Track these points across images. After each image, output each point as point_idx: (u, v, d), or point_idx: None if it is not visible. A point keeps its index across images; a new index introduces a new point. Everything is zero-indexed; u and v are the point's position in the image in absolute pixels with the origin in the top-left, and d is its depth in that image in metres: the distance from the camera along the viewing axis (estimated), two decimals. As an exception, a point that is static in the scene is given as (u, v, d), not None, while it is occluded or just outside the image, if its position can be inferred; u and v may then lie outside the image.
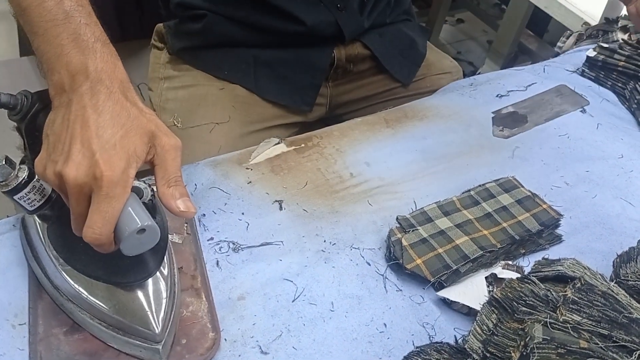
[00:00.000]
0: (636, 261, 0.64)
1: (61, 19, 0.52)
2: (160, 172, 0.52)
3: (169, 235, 0.64)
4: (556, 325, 0.50)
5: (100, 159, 0.47)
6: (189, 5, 0.83)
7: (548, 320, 0.51)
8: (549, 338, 0.49)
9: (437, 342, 0.59)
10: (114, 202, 0.47)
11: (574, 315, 0.52)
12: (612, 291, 0.55)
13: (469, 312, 0.63)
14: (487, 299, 0.58)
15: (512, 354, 0.50)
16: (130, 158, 0.49)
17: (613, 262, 0.66)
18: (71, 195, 0.48)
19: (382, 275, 0.66)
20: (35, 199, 0.54)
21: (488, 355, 0.53)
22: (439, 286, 0.65)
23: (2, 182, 0.51)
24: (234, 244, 0.67)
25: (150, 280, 0.55)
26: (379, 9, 0.96)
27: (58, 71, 0.51)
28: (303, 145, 0.82)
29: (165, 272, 0.57)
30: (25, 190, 0.53)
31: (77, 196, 0.48)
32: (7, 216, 0.65)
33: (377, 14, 0.96)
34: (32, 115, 0.53)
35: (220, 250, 0.66)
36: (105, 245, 0.49)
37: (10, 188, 0.52)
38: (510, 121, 0.91)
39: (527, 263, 0.69)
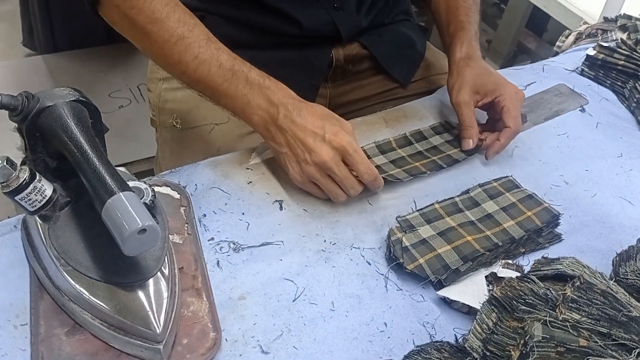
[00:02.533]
0: (635, 260, 0.64)
1: (229, 76, 0.72)
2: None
3: (170, 236, 0.64)
4: (556, 324, 0.50)
5: (330, 137, 0.68)
6: (187, 7, 0.83)
7: (548, 318, 0.51)
8: (548, 336, 0.49)
9: (437, 341, 0.59)
10: (360, 152, 0.70)
11: (574, 313, 0.52)
12: (612, 290, 0.55)
13: (469, 311, 0.63)
14: (487, 298, 0.59)
15: (512, 353, 0.51)
16: (344, 131, 0.70)
17: (612, 260, 0.67)
18: (333, 167, 0.68)
19: (383, 274, 0.66)
20: (36, 200, 0.54)
21: (488, 354, 0.53)
22: (439, 285, 0.65)
23: (3, 183, 0.51)
24: (234, 244, 0.67)
25: (151, 281, 0.56)
26: (377, 9, 0.96)
27: (255, 114, 0.72)
28: (303, 145, 0.81)
29: (166, 272, 0.57)
30: (27, 191, 0.53)
31: (337, 166, 0.69)
32: (9, 217, 0.65)
33: (376, 13, 0.96)
34: (33, 117, 0.53)
35: (220, 250, 0.66)
36: (374, 176, 0.71)
37: (11, 189, 0.52)
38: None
39: (527, 262, 0.69)
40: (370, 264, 0.67)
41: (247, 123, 0.74)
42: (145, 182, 0.60)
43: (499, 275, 0.65)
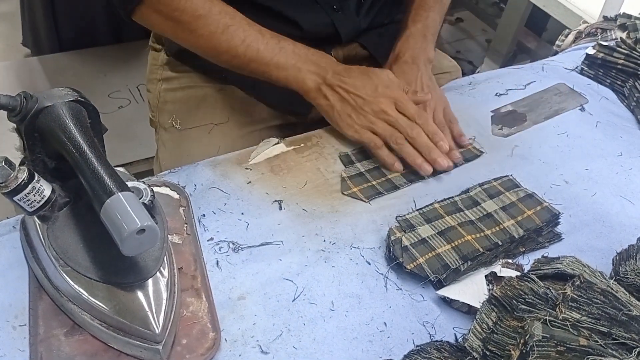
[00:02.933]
0: (636, 259, 0.64)
1: (278, 51, 0.79)
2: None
3: (169, 236, 0.64)
4: (556, 323, 0.50)
5: (383, 90, 0.78)
6: None
7: (547, 318, 0.51)
8: (548, 336, 0.49)
9: (437, 341, 0.59)
10: (410, 101, 0.79)
11: (574, 313, 0.52)
12: (612, 289, 0.55)
13: (469, 311, 0.63)
14: (486, 297, 0.59)
15: (512, 352, 0.51)
16: (396, 85, 0.80)
17: (612, 259, 0.66)
18: (389, 111, 0.77)
19: (382, 274, 0.66)
20: (35, 200, 0.54)
21: (488, 353, 0.53)
22: (439, 285, 0.65)
23: (1, 183, 0.51)
24: (233, 244, 0.67)
25: (150, 281, 0.56)
26: (376, 10, 0.96)
27: (307, 78, 0.79)
28: (302, 145, 0.82)
29: (165, 272, 0.57)
30: (25, 192, 0.53)
31: (393, 110, 0.77)
32: (7, 217, 0.65)
33: (375, 14, 0.96)
34: (32, 117, 0.53)
35: (220, 250, 0.66)
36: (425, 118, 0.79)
37: (10, 189, 0.52)
38: (509, 120, 0.91)
39: (527, 261, 0.69)
40: (369, 264, 0.67)
41: (300, 90, 0.80)
42: (144, 183, 0.60)
43: (498, 274, 0.65)
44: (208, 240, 0.67)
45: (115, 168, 0.53)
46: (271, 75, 0.80)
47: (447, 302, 0.64)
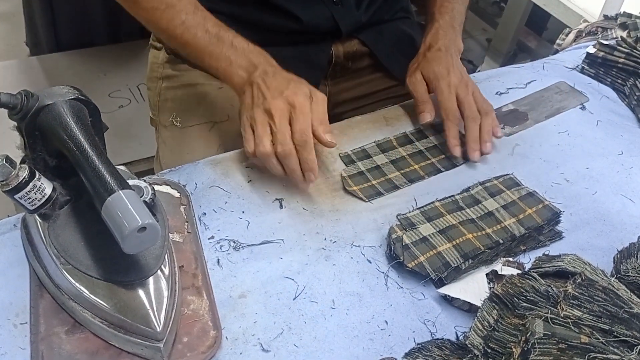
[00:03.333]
0: (637, 257, 0.64)
1: (215, 41, 0.77)
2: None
3: (170, 234, 0.64)
4: (557, 321, 0.50)
5: (288, 93, 0.71)
6: None
7: (549, 315, 0.50)
8: (549, 333, 0.49)
9: (438, 339, 0.59)
10: (306, 116, 0.70)
11: (575, 310, 0.52)
12: (613, 286, 0.55)
13: (469, 309, 0.63)
14: (487, 295, 0.58)
15: (513, 350, 0.50)
16: (304, 94, 0.72)
17: (613, 258, 0.66)
18: (275, 115, 0.70)
19: (383, 272, 0.66)
20: (35, 198, 0.54)
21: (489, 351, 0.53)
22: (440, 283, 0.65)
23: (2, 181, 0.51)
24: (234, 242, 0.67)
25: (151, 279, 0.56)
26: (377, 5, 0.96)
27: (235, 74, 0.76)
28: (303, 143, 0.81)
29: (166, 270, 0.57)
30: (26, 190, 0.53)
31: (280, 118, 0.70)
32: (8, 216, 0.65)
33: (375, 10, 0.96)
34: (32, 115, 0.53)
35: (221, 248, 0.66)
36: (305, 141, 0.70)
37: (10, 187, 0.52)
38: (511, 119, 0.91)
39: (528, 260, 0.69)
40: (370, 262, 0.67)
41: (229, 84, 0.78)
42: (145, 181, 0.60)
43: (499, 273, 0.65)
44: (209, 239, 0.67)
45: (116, 167, 0.53)
46: (204, 63, 0.79)
47: (448, 301, 0.64)
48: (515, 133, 0.89)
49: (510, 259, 0.67)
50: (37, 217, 0.58)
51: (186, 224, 0.67)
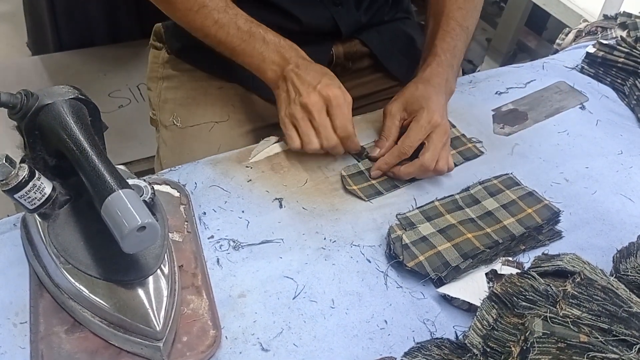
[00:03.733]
0: (636, 256, 0.64)
1: (247, 37, 0.78)
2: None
3: (170, 234, 0.64)
4: (556, 320, 0.50)
5: (322, 87, 0.74)
6: None
7: (548, 314, 0.51)
8: (549, 332, 0.49)
9: (437, 338, 0.59)
10: (344, 110, 0.75)
11: (574, 309, 0.52)
12: (612, 285, 0.55)
13: (469, 309, 0.63)
14: (487, 294, 0.59)
15: (513, 349, 0.51)
16: (337, 86, 0.75)
17: (613, 257, 0.66)
18: (314, 111, 0.74)
19: (383, 272, 0.66)
20: (35, 198, 0.54)
21: (488, 350, 0.53)
22: (439, 282, 0.65)
23: (2, 181, 0.51)
24: (234, 241, 0.67)
25: (150, 278, 0.56)
26: (377, 6, 0.96)
27: (269, 69, 0.78)
28: (303, 143, 0.81)
29: (166, 270, 0.57)
30: (26, 189, 0.53)
31: (319, 112, 0.74)
32: (8, 215, 0.65)
33: (375, 11, 0.96)
34: (32, 114, 0.53)
35: (220, 248, 0.66)
36: (348, 134, 0.75)
37: (10, 187, 0.52)
38: (511, 118, 0.91)
39: (527, 259, 0.69)
40: (370, 262, 0.67)
41: (263, 79, 0.80)
42: (144, 180, 0.60)
43: (499, 272, 0.65)
44: (209, 238, 0.67)
45: (116, 166, 0.53)
46: (238, 60, 0.81)
47: (447, 300, 0.64)
48: (515, 133, 0.89)
49: (510, 259, 0.67)
50: (36, 216, 0.58)
51: (186, 223, 0.67)
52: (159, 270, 0.56)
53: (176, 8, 0.80)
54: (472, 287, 0.64)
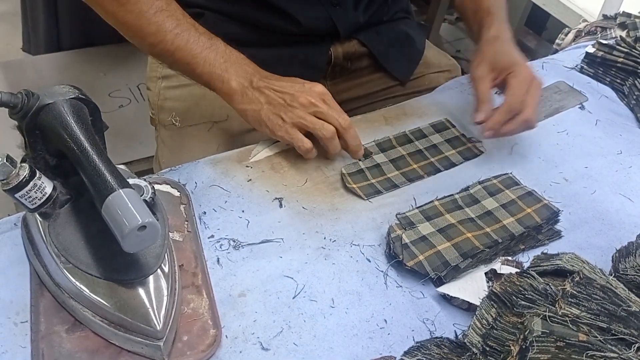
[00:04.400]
0: (635, 256, 0.64)
1: (209, 45, 0.76)
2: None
3: (170, 233, 0.64)
4: (555, 319, 0.50)
5: (310, 86, 0.75)
6: (186, 3, 0.84)
7: (547, 313, 0.51)
8: (548, 331, 0.49)
9: (437, 337, 0.59)
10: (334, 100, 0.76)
11: (573, 308, 0.52)
12: (611, 285, 0.55)
13: (468, 308, 0.63)
14: (486, 294, 0.59)
15: (512, 348, 0.51)
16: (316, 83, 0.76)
17: (612, 256, 0.67)
18: (319, 103, 0.74)
19: (382, 271, 0.66)
20: (36, 197, 0.54)
21: (488, 349, 0.53)
22: (439, 282, 0.65)
23: (3, 180, 0.52)
24: (234, 241, 0.67)
25: (151, 278, 0.56)
26: (375, 6, 0.96)
27: (232, 79, 0.76)
28: (302, 143, 0.82)
29: (166, 269, 0.57)
30: (27, 189, 0.53)
31: (323, 104, 0.75)
32: (8, 215, 0.66)
33: (374, 10, 0.96)
34: (33, 114, 0.53)
35: (220, 247, 0.66)
36: (348, 121, 0.76)
37: (11, 186, 0.52)
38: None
39: (527, 259, 0.69)
40: (370, 261, 0.67)
41: (222, 90, 0.77)
42: (145, 180, 0.60)
43: (498, 272, 0.65)
44: (209, 238, 0.67)
45: (117, 166, 0.54)
46: (195, 69, 0.77)
47: (447, 300, 0.64)
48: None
49: (509, 258, 0.68)
50: (37, 216, 0.58)
51: (186, 223, 0.67)
52: (159, 270, 0.56)
53: (127, 9, 0.75)
54: (472, 287, 0.64)
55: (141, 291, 0.55)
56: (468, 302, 0.62)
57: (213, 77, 0.76)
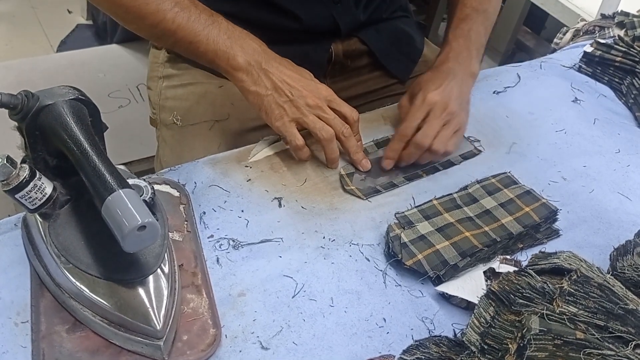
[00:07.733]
0: (633, 254, 0.64)
1: (210, 22, 0.74)
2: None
3: (170, 233, 0.65)
4: (553, 317, 0.51)
5: (317, 85, 0.77)
6: None
7: (545, 312, 0.51)
8: (545, 329, 0.50)
9: (436, 336, 0.59)
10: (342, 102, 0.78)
11: (570, 306, 0.52)
12: (608, 283, 0.56)
13: (467, 307, 0.63)
14: (484, 292, 0.59)
15: (510, 346, 0.51)
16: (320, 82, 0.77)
17: (610, 255, 0.67)
18: (324, 107, 0.75)
19: (381, 270, 0.67)
20: (36, 198, 0.55)
21: (486, 347, 0.54)
22: (438, 281, 0.65)
23: (3, 181, 0.52)
24: (234, 241, 0.67)
25: (151, 278, 0.56)
26: (375, 4, 0.96)
27: (238, 55, 0.74)
28: (302, 142, 0.82)
29: (166, 269, 0.57)
30: (27, 189, 0.53)
31: (327, 110, 0.75)
32: (9, 215, 0.66)
33: (374, 9, 0.96)
34: (33, 115, 0.53)
35: (220, 247, 0.66)
36: (357, 116, 0.78)
37: (11, 187, 0.52)
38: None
39: (525, 258, 0.69)
40: (369, 260, 0.68)
41: (228, 66, 0.75)
42: (144, 180, 0.60)
43: (497, 270, 0.65)
44: (208, 238, 0.67)
45: (116, 166, 0.54)
46: (198, 47, 0.75)
47: (445, 298, 0.64)
48: (512, 131, 0.89)
49: (508, 257, 0.68)
50: (37, 216, 0.58)
51: (186, 222, 0.67)
52: (159, 270, 0.57)
53: None
54: (470, 285, 0.64)
55: (141, 291, 0.55)
56: (467, 300, 0.63)
57: (218, 54, 0.75)
